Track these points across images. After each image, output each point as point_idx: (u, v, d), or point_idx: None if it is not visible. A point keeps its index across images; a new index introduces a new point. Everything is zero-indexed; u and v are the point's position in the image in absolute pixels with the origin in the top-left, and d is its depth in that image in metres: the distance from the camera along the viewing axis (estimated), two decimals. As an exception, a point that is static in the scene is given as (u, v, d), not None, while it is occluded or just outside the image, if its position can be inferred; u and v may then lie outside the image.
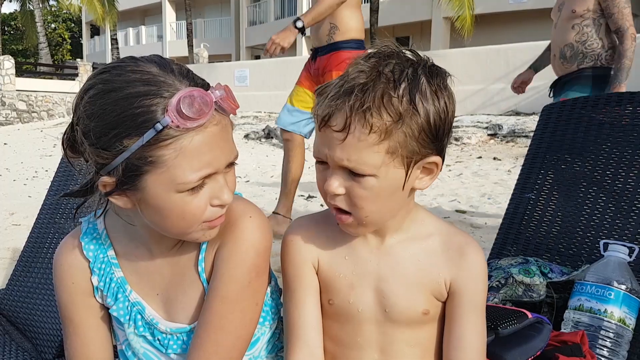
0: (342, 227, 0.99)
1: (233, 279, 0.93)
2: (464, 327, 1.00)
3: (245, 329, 0.97)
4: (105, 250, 1.02)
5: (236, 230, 0.95)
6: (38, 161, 9.80)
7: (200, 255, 0.97)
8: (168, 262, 1.00)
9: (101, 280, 1.01)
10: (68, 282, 1.02)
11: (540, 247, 1.74)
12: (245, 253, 0.94)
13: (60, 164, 2.13)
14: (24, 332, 1.81)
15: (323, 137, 0.90)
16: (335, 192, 0.91)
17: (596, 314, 1.33)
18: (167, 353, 1.00)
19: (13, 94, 18.29)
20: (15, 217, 5.13)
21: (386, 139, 0.86)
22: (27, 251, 2.03)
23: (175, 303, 1.00)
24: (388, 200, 0.93)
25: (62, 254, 1.03)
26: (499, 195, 5.37)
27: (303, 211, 5.11)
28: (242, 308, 0.95)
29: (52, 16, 40.19)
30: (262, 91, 16.30)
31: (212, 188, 0.87)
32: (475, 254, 1.01)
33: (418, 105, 0.86)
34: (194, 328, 0.98)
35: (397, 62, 0.88)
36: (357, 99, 0.85)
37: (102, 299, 1.03)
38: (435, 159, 0.93)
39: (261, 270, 0.97)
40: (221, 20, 28.25)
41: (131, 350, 1.04)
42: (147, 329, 1.01)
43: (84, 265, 1.01)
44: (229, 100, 0.86)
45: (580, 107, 1.88)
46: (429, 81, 0.88)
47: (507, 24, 17.46)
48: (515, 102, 11.98)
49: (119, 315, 1.00)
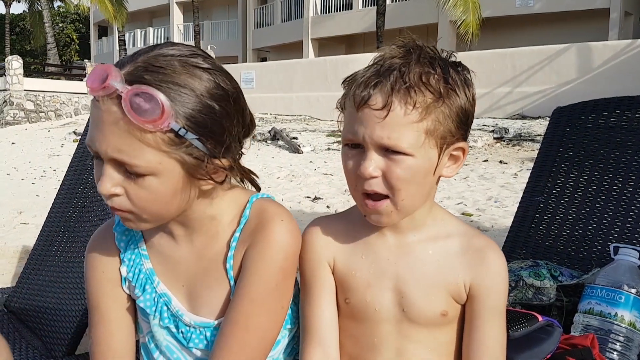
0: (372, 215, 0.97)
1: (261, 279, 0.94)
2: (483, 331, 0.99)
3: (270, 331, 0.98)
4: (137, 241, 1.04)
5: (267, 232, 0.95)
6: (46, 161, 9.85)
7: (229, 252, 0.98)
8: (195, 255, 1.01)
9: (130, 271, 1.02)
10: (98, 271, 1.04)
11: (550, 250, 1.74)
12: (275, 255, 0.95)
13: (71, 163, 2.14)
14: (33, 330, 1.82)
15: (360, 118, 0.91)
16: (372, 175, 0.91)
17: (606, 317, 1.32)
18: (188, 347, 1.01)
19: (21, 93, 18.39)
20: (23, 215, 5.16)
21: (426, 117, 0.89)
22: (37, 250, 2.04)
23: (199, 297, 1.01)
24: (422, 184, 0.94)
25: (95, 243, 1.06)
26: (506, 199, 5.36)
27: (309, 213, 5.11)
28: (268, 309, 0.96)
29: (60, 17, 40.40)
30: (268, 93, 16.31)
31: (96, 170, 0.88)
32: (496, 258, 1.01)
33: (454, 87, 0.90)
34: (218, 325, 0.99)
35: (424, 52, 0.92)
36: (397, 78, 0.88)
37: (130, 290, 1.04)
38: (463, 145, 0.96)
39: (288, 274, 0.98)
40: (228, 22, 28.31)
41: (154, 343, 1.05)
42: (172, 321, 1.02)
43: (115, 255, 1.04)
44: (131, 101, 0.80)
45: (591, 110, 1.88)
46: (457, 71, 0.93)
47: (514, 27, 17.43)
48: (521, 106, 11.98)
49: (145, 306, 1.02)
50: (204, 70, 0.86)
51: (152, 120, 0.80)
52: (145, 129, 0.81)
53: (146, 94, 0.80)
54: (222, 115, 0.87)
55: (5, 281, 3.26)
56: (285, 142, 10.48)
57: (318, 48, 22.88)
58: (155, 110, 0.80)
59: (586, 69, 11.48)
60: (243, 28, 26.92)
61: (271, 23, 25.34)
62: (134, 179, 0.85)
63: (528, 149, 8.55)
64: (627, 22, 16.79)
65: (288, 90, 16.35)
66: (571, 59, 11.68)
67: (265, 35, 25.33)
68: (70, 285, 1.77)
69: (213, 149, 0.86)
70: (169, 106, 0.81)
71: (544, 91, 11.80)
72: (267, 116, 15.31)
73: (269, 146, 10.64)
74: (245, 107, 0.93)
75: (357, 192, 0.96)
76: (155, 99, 0.80)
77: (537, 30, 16.74)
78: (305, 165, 8.27)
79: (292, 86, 16.33)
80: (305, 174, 7.48)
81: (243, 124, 0.93)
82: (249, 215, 0.99)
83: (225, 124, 0.88)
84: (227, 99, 0.88)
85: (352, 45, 22.53)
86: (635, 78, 10.39)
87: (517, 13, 17.07)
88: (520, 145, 8.99)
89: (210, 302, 1.00)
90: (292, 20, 23.99)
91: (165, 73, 0.83)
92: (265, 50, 26.07)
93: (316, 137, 11.28)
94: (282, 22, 24.56)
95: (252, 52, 25.99)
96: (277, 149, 10.31)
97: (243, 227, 0.99)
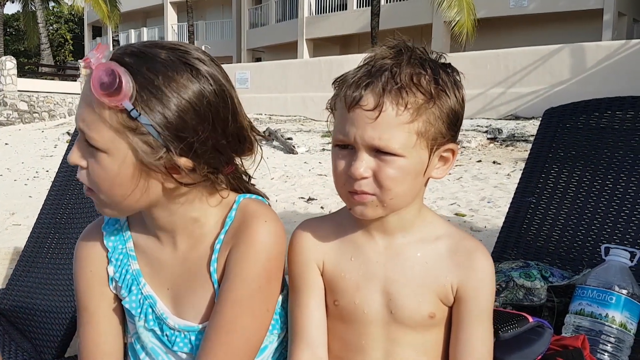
0: (356, 207, 0.96)
1: (244, 282, 0.93)
2: (470, 332, 0.99)
3: (255, 334, 0.97)
4: (125, 241, 1.04)
5: (249, 233, 0.94)
6: (39, 161, 9.81)
7: (213, 255, 0.97)
8: (179, 258, 1.01)
9: (117, 271, 1.03)
10: (86, 270, 1.04)
11: (541, 251, 1.74)
12: (257, 256, 0.93)
13: (62, 164, 2.13)
14: (23, 332, 1.81)
15: (351, 118, 0.91)
16: (362, 175, 0.91)
17: (597, 318, 1.32)
18: (173, 350, 1.01)
19: (15, 94, 18.31)
20: (15, 217, 5.14)
21: (417, 118, 0.89)
22: (28, 251, 2.03)
23: (184, 300, 1.01)
24: (411, 185, 0.94)
25: (83, 242, 1.06)
26: (499, 199, 5.37)
27: (303, 214, 5.11)
28: (252, 312, 0.95)
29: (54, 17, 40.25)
30: (263, 93, 16.29)
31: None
32: (483, 260, 1.01)
33: (444, 88, 0.90)
34: (203, 329, 0.98)
35: (414, 54, 0.92)
36: (389, 78, 0.88)
37: (116, 290, 1.04)
38: (452, 146, 0.96)
39: (273, 276, 0.96)
40: (223, 22, 28.27)
41: (140, 344, 1.05)
42: (157, 324, 1.01)
43: (103, 254, 1.04)
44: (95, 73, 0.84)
45: (582, 111, 1.88)
46: (447, 72, 0.93)
47: (508, 28, 17.49)
48: (515, 107, 12.00)
49: (130, 307, 1.02)
50: (194, 75, 0.86)
51: (107, 94, 0.82)
52: (103, 103, 0.83)
53: (109, 69, 0.83)
54: (194, 116, 0.86)
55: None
56: (279, 143, 10.46)
57: (313, 48, 22.89)
58: (112, 85, 0.82)
59: (580, 69, 11.51)
60: (237, 28, 26.89)
61: (266, 23, 25.32)
62: (93, 154, 0.88)
63: (521, 150, 8.56)
64: (621, 22, 16.86)
65: (283, 91, 16.33)
66: (565, 59, 11.71)
67: (259, 36, 25.31)
68: (60, 286, 1.76)
69: (171, 143, 0.85)
70: (128, 86, 0.82)
71: (538, 92, 11.82)
72: (262, 117, 15.29)
73: (264, 147, 10.58)
74: (229, 120, 0.91)
75: (343, 190, 0.96)
76: (115, 75, 0.82)
77: (531, 31, 16.79)
78: (299, 166, 8.26)
79: (286, 86, 16.31)
80: (300, 175, 7.48)
81: (225, 135, 0.90)
82: (234, 216, 0.99)
83: (197, 126, 0.86)
84: (206, 104, 0.87)
85: (347, 46, 22.55)
86: (629, 78, 10.42)
87: (510, 14, 17.13)
88: (514, 145, 9.01)
89: (194, 306, 0.99)
90: (286, 21, 23.99)
91: (148, 61, 0.85)
92: (259, 50, 26.05)
93: (311, 137, 11.28)
94: (277, 22, 24.55)
95: (247, 52, 25.97)
96: (272, 149, 10.30)
97: (227, 229, 0.98)
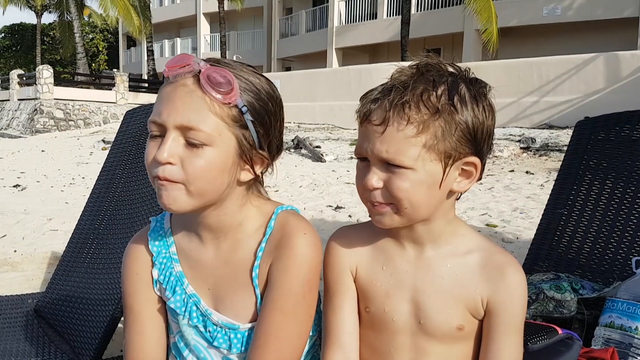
0: (375, 216, 1.00)
1: (290, 292, 1.01)
2: (500, 346, 1.00)
3: (301, 340, 1.04)
4: (168, 246, 1.11)
5: (291, 246, 1.02)
6: (75, 168, 10.04)
7: (256, 261, 1.04)
8: (221, 259, 1.07)
9: (161, 274, 1.10)
10: (133, 273, 1.12)
11: (572, 263, 1.73)
12: (299, 268, 1.01)
13: (102, 172, 2.20)
14: (62, 335, 1.86)
15: (364, 133, 0.97)
16: (374, 186, 0.96)
17: (627, 331, 1.32)
18: (214, 345, 1.07)
19: (51, 102, 18.83)
20: (53, 222, 5.28)
21: (423, 132, 0.91)
22: (67, 256, 2.10)
23: (224, 300, 1.07)
24: (426, 196, 0.96)
25: (131, 248, 1.14)
26: (532, 210, 5.29)
27: (331, 222, 5.13)
28: (298, 320, 1.02)
29: (89, 27, 41.23)
30: (292, 102, 16.39)
31: (158, 142, 0.95)
32: (515, 275, 1.01)
33: (456, 103, 0.92)
34: (242, 329, 1.05)
35: (437, 71, 0.95)
36: (396, 95, 0.92)
37: (160, 292, 1.11)
38: (473, 159, 0.96)
39: (314, 285, 1.04)
40: (254, 32, 28.62)
41: (183, 342, 1.12)
42: (201, 320, 1.08)
43: (148, 258, 1.12)
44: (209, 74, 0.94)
45: (614, 123, 1.87)
46: (468, 87, 0.94)
47: (541, 36, 17.25)
48: (548, 116, 11.83)
49: (175, 307, 1.08)
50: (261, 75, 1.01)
51: (223, 92, 0.93)
52: (215, 99, 0.93)
53: (222, 70, 0.95)
54: (272, 113, 1.00)
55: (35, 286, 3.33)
56: (308, 151, 10.52)
57: (342, 57, 22.94)
58: (227, 85, 0.94)
59: (614, 78, 11.30)
60: (268, 38, 27.16)
61: (296, 33, 25.51)
62: (192, 149, 0.94)
63: (555, 160, 8.41)
64: (657, 31, 16.48)
65: (311, 99, 16.41)
66: (599, 68, 11.51)
67: (289, 45, 25.50)
68: (98, 291, 1.81)
69: (260, 138, 0.99)
70: (237, 85, 0.95)
71: (572, 101, 11.64)
72: (291, 125, 15.39)
73: (292, 155, 10.69)
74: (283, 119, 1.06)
75: (364, 199, 1.01)
76: (228, 76, 0.94)
77: (564, 39, 16.53)
78: (327, 174, 8.29)
79: (315, 95, 16.39)
80: (328, 183, 7.50)
81: (280, 132, 1.05)
82: (274, 227, 1.05)
83: (273, 122, 1.01)
84: (276, 102, 1.02)
85: (376, 55, 22.54)
86: (665, 87, 10.19)
87: (544, 22, 16.91)
88: (548, 155, 8.86)
89: (233, 306, 1.06)
90: (316, 30, 24.11)
91: (232, 66, 0.98)
92: (289, 59, 26.24)
93: (339, 145, 11.30)
94: (307, 32, 24.71)
95: (277, 61, 26.19)
96: (300, 157, 10.36)
97: (268, 238, 1.04)
